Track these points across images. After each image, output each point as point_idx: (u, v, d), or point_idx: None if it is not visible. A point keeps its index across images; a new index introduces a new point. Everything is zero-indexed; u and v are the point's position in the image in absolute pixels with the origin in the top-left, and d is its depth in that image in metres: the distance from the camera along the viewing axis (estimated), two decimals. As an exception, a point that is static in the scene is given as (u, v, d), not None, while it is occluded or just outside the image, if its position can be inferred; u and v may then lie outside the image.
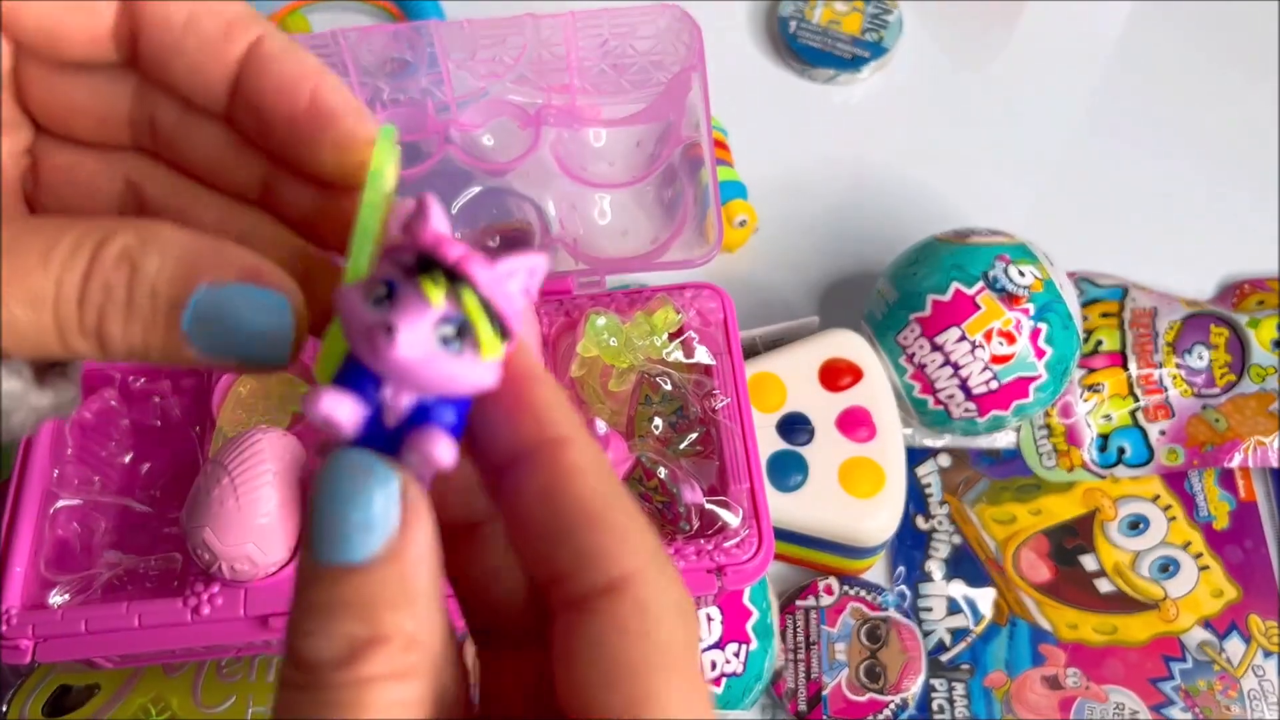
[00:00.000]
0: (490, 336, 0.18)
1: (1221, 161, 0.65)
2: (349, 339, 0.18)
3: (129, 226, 0.19)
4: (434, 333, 0.17)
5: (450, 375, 0.18)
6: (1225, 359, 0.56)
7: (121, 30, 0.21)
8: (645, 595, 0.17)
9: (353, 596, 0.17)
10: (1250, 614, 0.52)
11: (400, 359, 0.17)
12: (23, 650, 0.43)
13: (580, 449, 0.18)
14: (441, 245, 0.18)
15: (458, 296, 0.17)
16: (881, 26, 0.67)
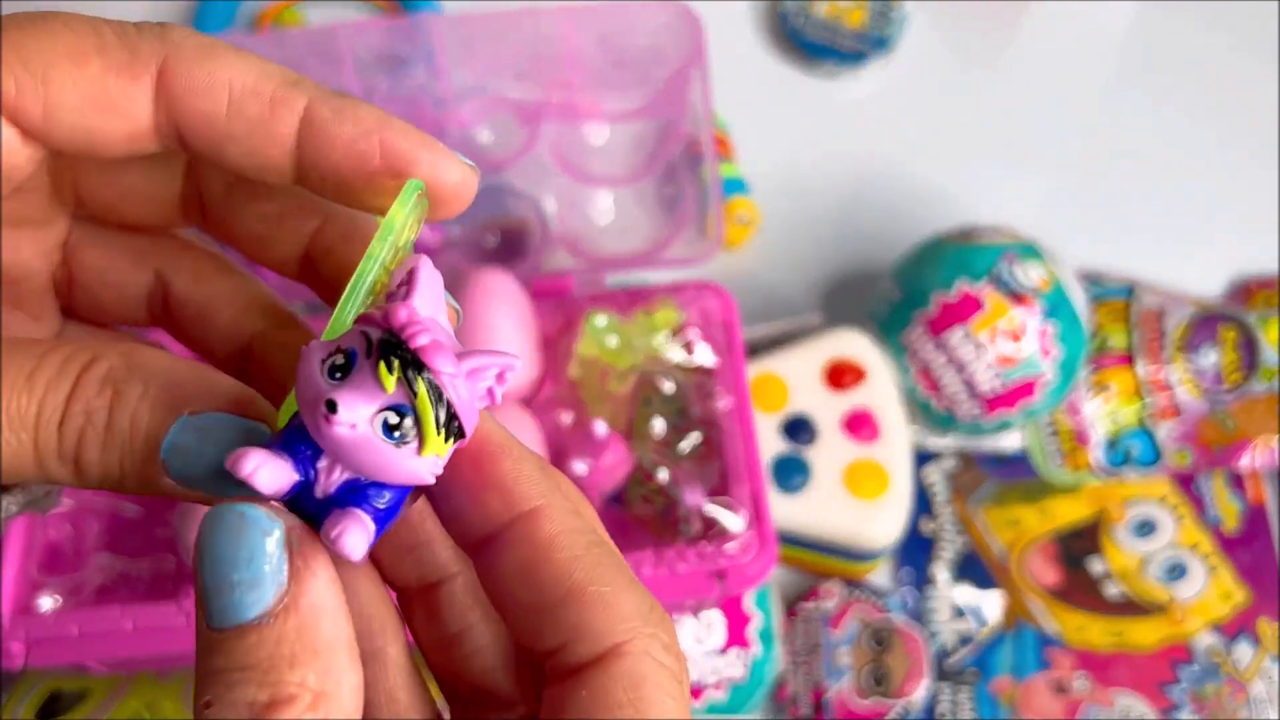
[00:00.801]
0: (434, 435, 0.17)
1: (1230, 159, 0.64)
2: (298, 402, 0.18)
3: (114, 350, 0.19)
4: (377, 418, 0.17)
5: (386, 464, 0.17)
6: (1234, 359, 0.55)
7: (162, 125, 0.20)
8: (633, 668, 0.17)
9: (249, 659, 0.16)
10: (1260, 618, 0.51)
11: (336, 437, 0.17)
12: (14, 655, 0.42)
13: (552, 518, 0.18)
14: (410, 329, 0.17)
15: (411, 386, 0.17)
16: (886, 21, 0.66)
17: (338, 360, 0.17)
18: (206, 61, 0.19)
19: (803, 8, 0.67)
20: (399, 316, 0.17)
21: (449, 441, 0.17)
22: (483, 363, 0.18)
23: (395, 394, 0.17)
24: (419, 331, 0.17)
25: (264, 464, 0.17)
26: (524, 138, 0.56)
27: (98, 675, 0.46)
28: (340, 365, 0.17)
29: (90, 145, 0.20)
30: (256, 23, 0.66)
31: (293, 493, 0.18)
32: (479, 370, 0.18)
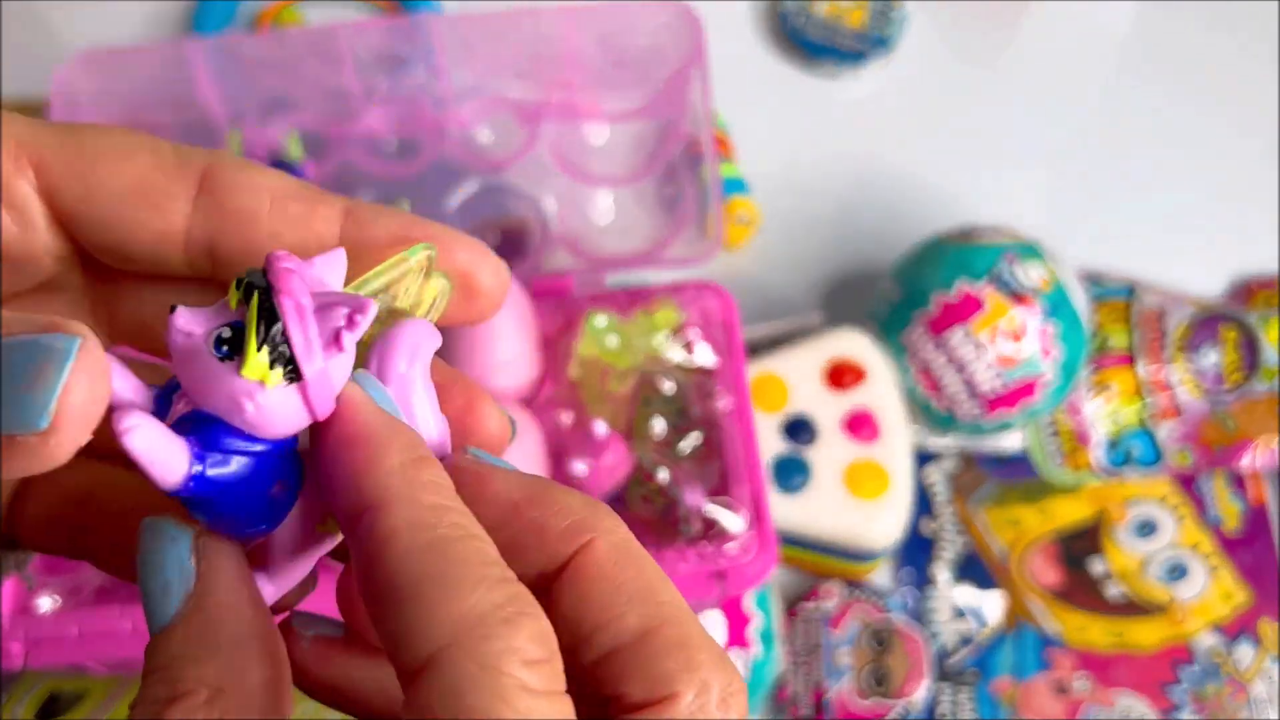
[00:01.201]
0: (254, 353, 0.16)
1: (1231, 159, 0.64)
2: None
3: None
4: (212, 332, 0.16)
5: (206, 378, 0.16)
6: (1235, 359, 0.55)
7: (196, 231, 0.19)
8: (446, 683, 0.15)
9: (159, 660, 0.16)
10: (1260, 618, 0.51)
11: (172, 344, 0.16)
12: (14, 655, 0.42)
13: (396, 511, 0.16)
14: (279, 261, 0.16)
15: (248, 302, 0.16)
16: (886, 21, 0.66)
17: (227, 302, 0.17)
18: (250, 170, 0.19)
19: (803, 8, 0.67)
20: (278, 254, 0.17)
21: (275, 369, 0.16)
22: (332, 299, 0.17)
23: (235, 311, 0.16)
24: (281, 258, 0.16)
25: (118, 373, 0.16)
26: (524, 138, 0.56)
27: (97, 676, 0.46)
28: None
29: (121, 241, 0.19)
30: (256, 22, 0.66)
31: None
32: (328, 308, 0.17)
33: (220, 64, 0.55)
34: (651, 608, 0.17)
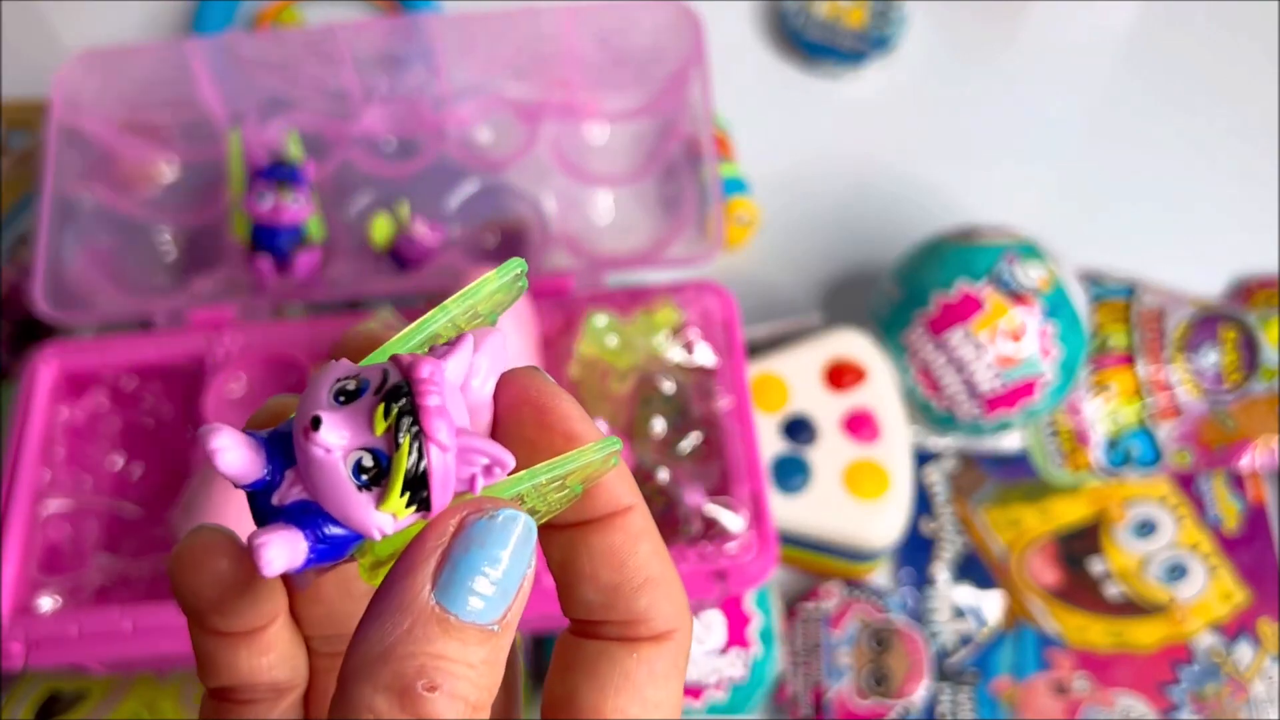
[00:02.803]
0: (397, 494, 0.17)
1: (1231, 159, 0.64)
2: (299, 409, 0.17)
3: None
4: (353, 454, 0.17)
5: (343, 501, 0.17)
6: (1235, 359, 0.55)
7: None
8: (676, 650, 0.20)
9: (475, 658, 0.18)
10: (1260, 618, 0.51)
11: (309, 454, 0.17)
12: (14, 655, 0.42)
13: (642, 516, 0.20)
14: (425, 385, 0.17)
15: (397, 438, 0.16)
16: (886, 21, 0.66)
17: (349, 385, 0.17)
18: None
19: (803, 8, 0.67)
20: (421, 370, 0.17)
21: (410, 508, 0.17)
22: (476, 446, 0.17)
23: (380, 439, 0.17)
24: (432, 391, 0.17)
25: (233, 446, 0.17)
26: (524, 137, 0.56)
27: (97, 675, 0.46)
28: (350, 391, 0.17)
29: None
30: (256, 22, 0.66)
31: (253, 488, 0.18)
32: (470, 453, 0.17)
33: (220, 64, 0.55)
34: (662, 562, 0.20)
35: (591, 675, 0.20)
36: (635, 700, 0.20)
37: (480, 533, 0.17)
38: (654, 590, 0.20)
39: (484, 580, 0.17)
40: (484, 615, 0.17)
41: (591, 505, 0.20)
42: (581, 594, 0.20)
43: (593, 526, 0.20)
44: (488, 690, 0.17)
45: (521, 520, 0.17)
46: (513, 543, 0.17)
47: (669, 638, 0.20)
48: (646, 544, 0.20)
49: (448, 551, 0.17)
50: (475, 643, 0.17)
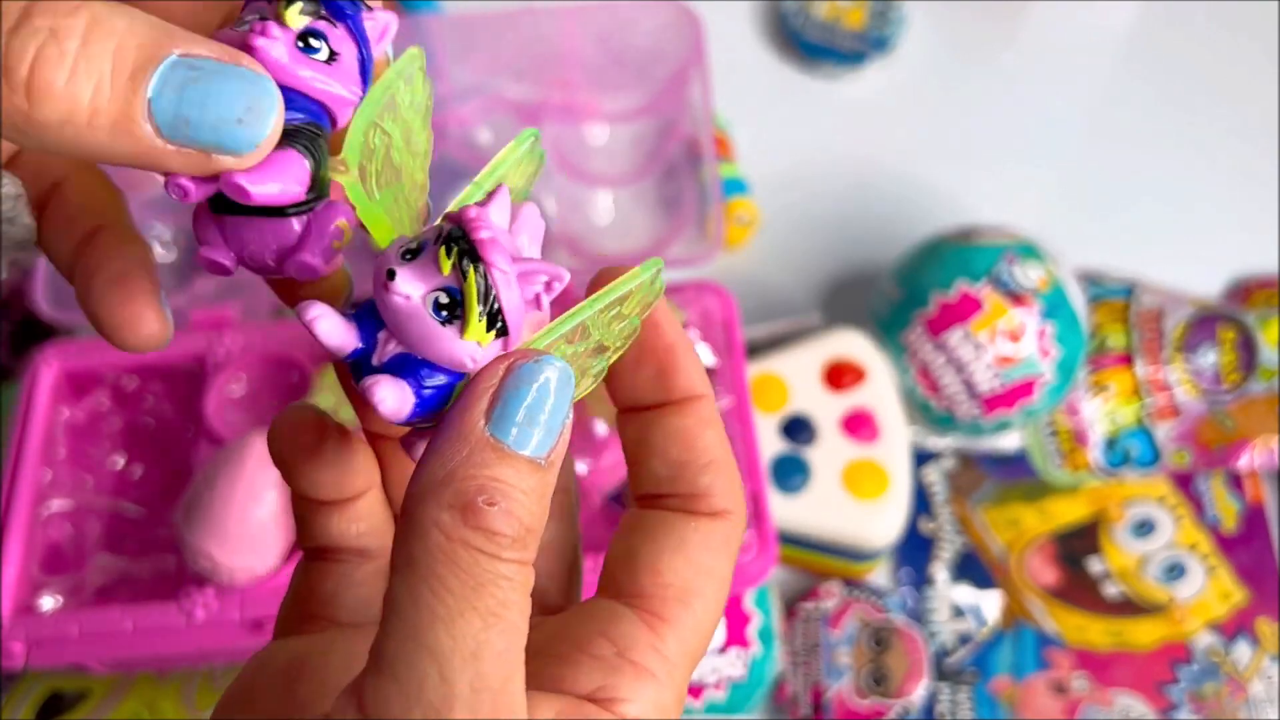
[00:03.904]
0: (476, 321, 0.19)
1: (1229, 159, 0.64)
2: (374, 274, 0.19)
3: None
4: (430, 296, 0.19)
5: (431, 339, 0.19)
6: (1233, 359, 0.55)
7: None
8: (733, 529, 0.22)
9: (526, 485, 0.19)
10: (1258, 617, 0.51)
11: (393, 305, 0.19)
12: (14, 655, 0.42)
13: (711, 405, 0.22)
14: (475, 222, 0.19)
15: (463, 272, 0.18)
16: (886, 21, 0.66)
17: (411, 245, 0.19)
18: None
19: (803, 8, 0.67)
20: (469, 212, 0.19)
21: (490, 332, 0.19)
22: (533, 267, 0.19)
23: (449, 276, 0.19)
24: (481, 227, 0.18)
25: (324, 315, 0.19)
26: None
27: (98, 675, 0.46)
28: (412, 249, 0.19)
29: None
30: (256, 22, 0.66)
31: (353, 356, 0.19)
32: (530, 274, 0.19)
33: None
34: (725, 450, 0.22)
35: (651, 538, 0.21)
36: (689, 563, 0.21)
37: (527, 374, 0.19)
38: (716, 471, 0.22)
39: (531, 417, 0.18)
40: (533, 449, 0.18)
41: (669, 388, 0.22)
42: (653, 468, 0.22)
43: (669, 408, 0.22)
44: (537, 518, 0.18)
45: (560, 365, 0.19)
46: (554, 384, 0.19)
47: (724, 516, 0.22)
48: (713, 431, 0.22)
49: (498, 391, 0.18)
50: (526, 472, 0.18)
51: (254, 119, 0.17)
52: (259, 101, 0.17)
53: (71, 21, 0.16)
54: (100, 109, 0.16)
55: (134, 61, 0.16)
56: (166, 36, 0.17)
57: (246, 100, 0.17)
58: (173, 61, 0.17)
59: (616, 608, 0.21)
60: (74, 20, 0.16)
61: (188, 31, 0.17)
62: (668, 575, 0.21)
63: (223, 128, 0.17)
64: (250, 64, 0.18)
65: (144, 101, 0.16)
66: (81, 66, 0.16)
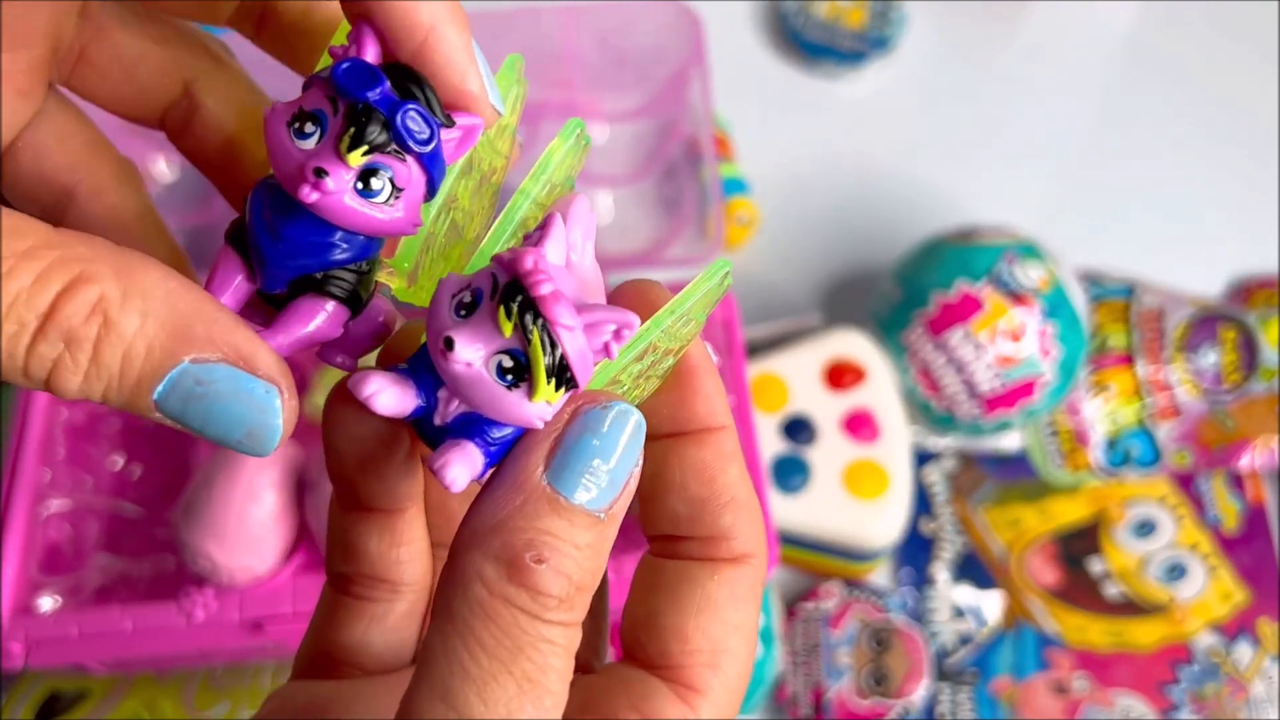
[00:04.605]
0: (544, 383, 0.17)
1: (1230, 159, 0.64)
2: (428, 333, 0.18)
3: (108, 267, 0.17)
4: (492, 360, 0.17)
5: (497, 404, 0.18)
6: (1234, 359, 0.55)
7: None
8: (754, 576, 0.20)
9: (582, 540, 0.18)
10: (1259, 618, 0.51)
11: (453, 373, 0.17)
12: (14, 655, 0.42)
13: (734, 438, 0.21)
14: (533, 276, 0.17)
15: (526, 334, 0.17)
16: (886, 21, 0.66)
17: (465, 298, 0.18)
18: None
19: (803, 8, 0.67)
20: (525, 263, 0.17)
21: (559, 390, 0.18)
22: (600, 317, 0.18)
23: (511, 339, 0.17)
24: (541, 281, 0.17)
25: (384, 389, 0.18)
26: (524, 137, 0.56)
27: (97, 675, 0.46)
28: (467, 303, 0.18)
29: None
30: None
31: (415, 415, 0.18)
32: (597, 325, 0.18)
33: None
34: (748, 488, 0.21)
35: (673, 596, 0.20)
36: (716, 621, 0.20)
37: (593, 421, 0.18)
38: (738, 511, 0.20)
39: (593, 467, 0.18)
40: (593, 501, 0.17)
41: (688, 417, 0.21)
42: (669, 505, 0.21)
43: (688, 439, 0.21)
44: (591, 574, 0.17)
45: (633, 416, 0.18)
46: (625, 435, 0.18)
47: (747, 561, 0.20)
48: (735, 466, 0.21)
49: (561, 437, 0.18)
50: (583, 526, 0.17)
51: (255, 443, 0.18)
52: (261, 427, 0.17)
53: (85, 330, 0.16)
54: (112, 402, 0.17)
55: (140, 370, 0.17)
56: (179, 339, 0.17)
57: (248, 425, 0.17)
58: (181, 370, 0.17)
59: (647, 680, 0.20)
60: (87, 329, 0.16)
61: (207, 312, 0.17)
62: (695, 640, 0.20)
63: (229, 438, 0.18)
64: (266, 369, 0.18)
65: (150, 400, 0.17)
66: (92, 374, 0.17)
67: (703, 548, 0.20)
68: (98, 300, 0.16)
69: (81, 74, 0.22)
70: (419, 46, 0.18)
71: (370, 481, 0.21)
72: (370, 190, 0.18)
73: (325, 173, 0.17)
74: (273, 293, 0.19)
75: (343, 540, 0.22)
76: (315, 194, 0.17)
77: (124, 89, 0.22)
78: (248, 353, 0.18)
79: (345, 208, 0.18)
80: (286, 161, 0.18)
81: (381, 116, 0.17)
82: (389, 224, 0.18)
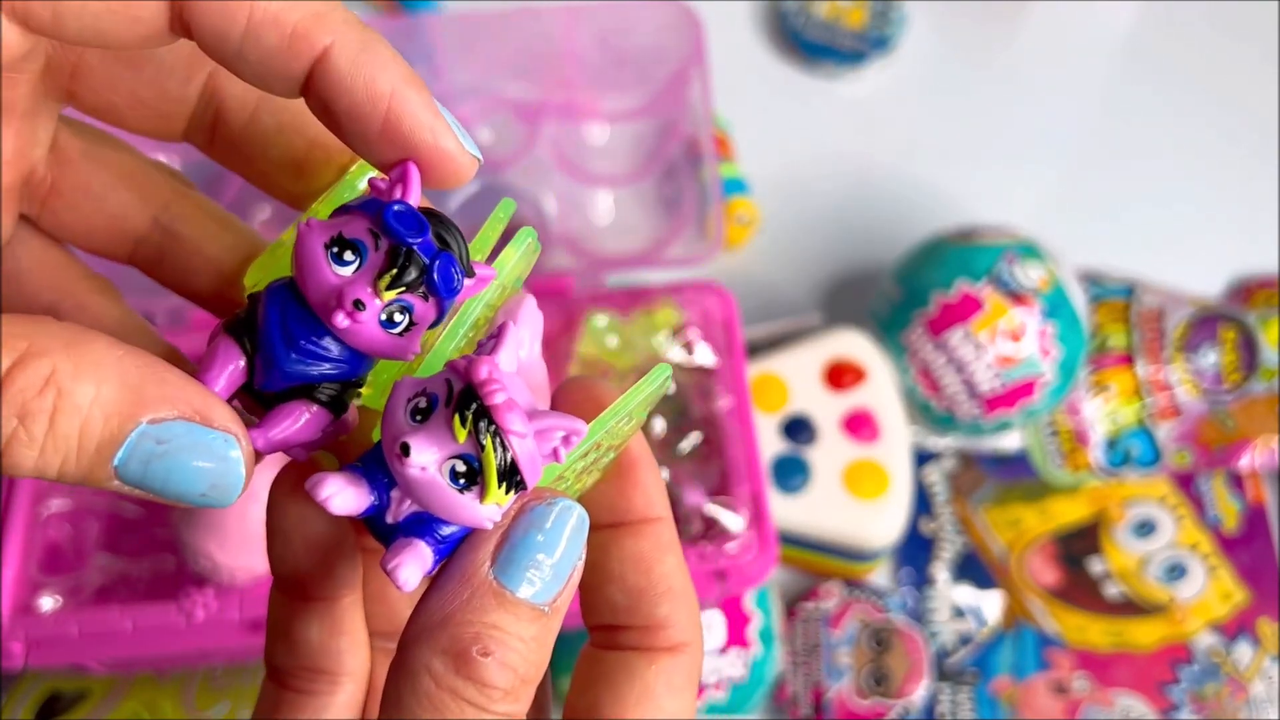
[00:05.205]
0: (495, 488, 0.18)
1: (1230, 159, 0.64)
2: (383, 435, 0.19)
3: (56, 341, 0.17)
4: (446, 464, 0.18)
5: (450, 507, 0.18)
6: (1234, 359, 0.55)
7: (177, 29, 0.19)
8: (691, 664, 0.21)
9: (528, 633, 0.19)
10: (1260, 618, 0.51)
11: (407, 476, 0.18)
12: (14, 655, 0.42)
13: (671, 529, 0.22)
14: (487, 386, 0.18)
15: (480, 441, 0.18)
16: (886, 21, 0.66)
17: (420, 403, 0.18)
18: None
19: (803, 8, 0.67)
20: (480, 372, 0.18)
21: (509, 493, 0.18)
22: (550, 424, 0.18)
23: (465, 445, 0.18)
24: (495, 390, 0.18)
25: (340, 491, 0.19)
26: (524, 137, 0.56)
27: (98, 675, 0.46)
28: (422, 409, 0.18)
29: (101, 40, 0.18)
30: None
31: (368, 513, 0.19)
32: (547, 432, 0.18)
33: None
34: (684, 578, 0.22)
35: (612, 687, 0.21)
36: (654, 710, 0.21)
37: (538, 518, 0.18)
38: (675, 601, 0.21)
39: (538, 562, 0.18)
40: (537, 595, 0.18)
41: (627, 508, 0.21)
42: (607, 594, 0.21)
43: (625, 530, 0.21)
44: (535, 666, 0.18)
45: (576, 511, 0.19)
46: (568, 530, 0.19)
47: (684, 650, 0.21)
48: (672, 557, 0.21)
49: (507, 533, 0.18)
50: (528, 619, 0.18)
51: (218, 495, 0.18)
52: (222, 480, 0.18)
53: (39, 404, 0.17)
54: (69, 475, 0.17)
55: (99, 437, 0.17)
56: (134, 403, 0.17)
57: (210, 479, 0.18)
58: (140, 432, 0.17)
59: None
60: (41, 402, 0.17)
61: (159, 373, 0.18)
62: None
63: (190, 495, 0.18)
64: (221, 421, 0.18)
65: (110, 469, 0.17)
66: (49, 446, 0.17)
67: (640, 637, 0.21)
68: (50, 374, 0.17)
69: (53, 207, 0.22)
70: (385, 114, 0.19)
71: (316, 572, 0.21)
72: (393, 323, 0.19)
73: (364, 306, 0.18)
74: (268, 391, 0.20)
75: (284, 631, 0.22)
76: (348, 322, 0.18)
77: (94, 220, 0.23)
78: (202, 407, 0.18)
79: (368, 335, 0.19)
80: (321, 285, 0.19)
81: (422, 263, 0.19)
82: (396, 351, 0.19)
